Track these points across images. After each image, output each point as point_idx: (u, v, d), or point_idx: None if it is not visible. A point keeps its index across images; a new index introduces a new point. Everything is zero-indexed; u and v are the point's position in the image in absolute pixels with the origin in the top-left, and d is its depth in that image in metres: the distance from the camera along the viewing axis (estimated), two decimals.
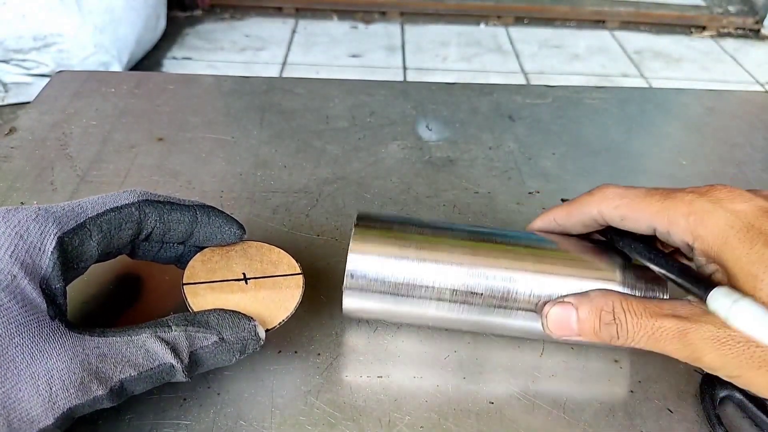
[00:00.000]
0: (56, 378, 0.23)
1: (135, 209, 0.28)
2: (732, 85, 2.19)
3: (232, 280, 0.30)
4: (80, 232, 0.26)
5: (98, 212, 0.27)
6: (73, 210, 0.26)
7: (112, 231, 0.27)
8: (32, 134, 0.48)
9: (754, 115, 0.57)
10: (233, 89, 0.56)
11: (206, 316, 0.27)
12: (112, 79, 0.56)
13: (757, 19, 2.59)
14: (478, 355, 0.33)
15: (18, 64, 1.73)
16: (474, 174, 0.47)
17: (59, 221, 0.26)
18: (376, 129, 0.51)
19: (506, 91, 0.58)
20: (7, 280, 0.23)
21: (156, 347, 0.25)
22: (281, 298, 0.29)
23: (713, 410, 0.30)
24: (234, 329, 0.27)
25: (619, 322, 0.26)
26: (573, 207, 0.30)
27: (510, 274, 0.29)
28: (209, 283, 0.29)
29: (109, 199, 0.28)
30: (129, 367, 0.25)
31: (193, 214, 0.29)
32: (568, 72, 2.20)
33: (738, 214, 0.25)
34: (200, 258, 0.30)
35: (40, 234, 0.25)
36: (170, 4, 2.27)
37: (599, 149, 0.50)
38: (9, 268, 0.24)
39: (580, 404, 0.30)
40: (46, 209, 0.26)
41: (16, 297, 0.23)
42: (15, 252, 0.24)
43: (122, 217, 0.27)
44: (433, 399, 0.30)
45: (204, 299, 0.29)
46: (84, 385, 0.24)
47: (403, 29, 2.43)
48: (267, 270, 0.30)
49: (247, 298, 0.29)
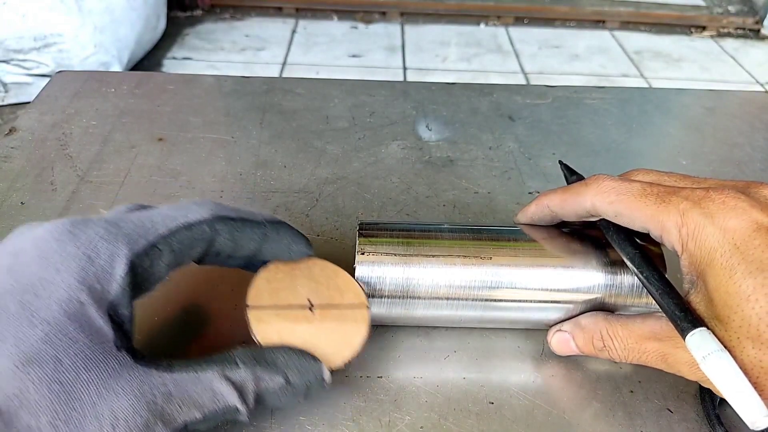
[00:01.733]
0: (121, 419, 0.22)
1: (207, 227, 0.26)
2: (732, 85, 2.19)
3: (297, 306, 0.28)
4: (151, 253, 0.24)
5: (170, 229, 0.25)
6: (143, 225, 0.25)
7: (183, 250, 0.25)
8: (32, 134, 0.48)
9: (754, 115, 0.57)
10: (233, 89, 0.56)
11: (274, 355, 0.26)
12: (112, 79, 0.56)
13: (757, 19, 2.59)
14: (478, 355, 0.33)
15: (18, 64, 1.73)
16: (474, 174, 0.47)
17: (129, 240, 0.24)
18: (376, 129, 0.51)
19: (506, 91, 0.58)
20: (75, 308, 0.22)
21: (223, 388, 0.24)
22: (347, 333, 0.28)
23: (713, 410, 0.30)
24: (301, 372, 0.26)
25: (609, 348, 0.29)
26: (567, 196, 0.30)
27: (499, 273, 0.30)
28: (275, 308, 0.28)
29: (180, 213, 0.26)
30: (194, 409, 0.23)
31: (263, 230, 0.28)
32: (568, 72, 2.20)
33: (727, 234, 0.24)
34: (265, 275, 0.29)
35: (110, 256, 0.23)
36: (170, 4, 2.27)
37: (599, 149, 0.51)
38: (76, 294, 0.22)
39: (580, 404, 0.30)
40: (116, 224, 0.24)
41: (83, 326, 0.22)
42: (83, 276, 0.22)
43: (194, 236, 0.25)
44: (433, 399, 0.30)
45: (269, 326, 0.27)
46: (148, 427, 0.22)
47: (403, 29, 2.43)
48: (333, 297, 0.29)
49: (312, 330, 0.27)
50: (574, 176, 0.34)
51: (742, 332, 0.24)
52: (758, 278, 0.23)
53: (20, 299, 0.21)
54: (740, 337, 0.24)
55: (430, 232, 0.32)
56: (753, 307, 0.23)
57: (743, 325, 0.23)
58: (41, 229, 0.24)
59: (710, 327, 0.25)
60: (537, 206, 0.32)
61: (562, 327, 0.31)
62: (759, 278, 0.23)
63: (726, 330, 0.24)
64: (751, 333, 0.23)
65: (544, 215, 0.32)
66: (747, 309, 0.23)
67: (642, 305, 0.31)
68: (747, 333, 0.23)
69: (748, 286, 0.23)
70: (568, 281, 0.30)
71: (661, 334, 0.27)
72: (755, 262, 0.24)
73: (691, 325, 0.25)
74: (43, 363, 0.21)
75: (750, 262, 0.24)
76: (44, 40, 1.69)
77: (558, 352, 0.32)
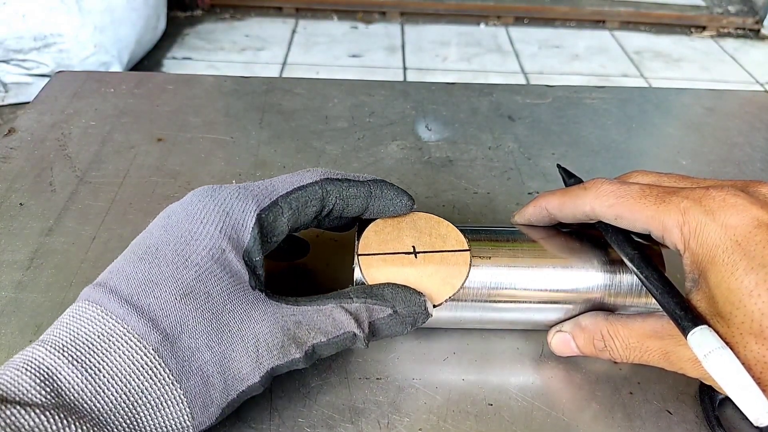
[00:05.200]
0: (261, 341, 0.26)
1: (318, 187, 0.29)
2: (732, 85, 2.19)
3: (402, 253, 0.30)
4: (274, 209, 0.28)
5: (287, 190, 0.29)
6: (267, 189, 0.28)
7: (299, 208, 0.29)
8: (32, 134, 0.48)
9: (754, 115, 0.57)
10: (233, 89, 0.56)
11: (381, 290, 0.29)
12: (112, 79, 0.56)
13: (757, 19, 2.59)
14: (476, 357, 0.33)
15: (18, 64, 1.73)
16: (473, 174, 0.46)
17: (257, 199, 0.28)
18: (376, 129, 0.51)
19: (506, 91, 0.58)
20: (219, 253, 0.26)
21: (341, 317, 0.27)
22: (448, 273, 0.30)
23: (712, 412, 0.30)
24: (406, 303, 0.29)
25: (610, 348, 0.29)
26: (566, 199, 0.30)
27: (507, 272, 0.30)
28: (382, 255, 0.30)
29: (296, 179, 0.29)
30: (319, 334, 0.27)
31: (368, 188, 0.30)
32: (568, 72, 2.20)
33: (728, 230, 0.25)
34: (373, 228, 0.31)
35: (242, 211, 0.27)
36: (170, 4, 2.26)
37: (599, 149, 0.50)
38: (219, 242, 0.26)
39: (579, 406, 0.30)
40: (245, 188, 0.28)
41: (225, 268, 0.26)
42: (223, 228, 0.27)
43: (308, 195, 0.29)
44: (432, 401, 0.30)
45: (377, 271, 0.30)
46: (284, 347, 0.26)
47: (403, 29, 2.43)
48: (436, 244, 0.31)
49: (417, 272, 0.30)
50: (572, 179, 0.34)
51: (744, 328, 0.24)
52: (760, 274, 0.23)
53: (174, 249, 0.26)
54: (743, 333, 0.24)
55: None
56: (755, 302, 0.23)
57: (745, 321, 0.24)
58: (189, 196, 0.28)
59: (712, 324, 0.25)
60: (535, 208, 0.32)
61: (562, 327, 0.31)
62: (761, 274, 0.23)
63: (728, 327, 0.24)
64: (754, 329, 0.23)
65: (541, 217, 0.32)
66: (749, 305, 0.23)
67: (642, 305, 0.30)
68: (749, 329, 0.23)
69: (750, 282, 0.24)
70: (567, 281, 0.30)
71: (663, 332, 0.27)
72: (757, 258, 0.24)
73: (692, 323, 0.25)
74: (197, 296, 0.25)
75: (752, 258, 0.24)
76: (44, 40, 1.69)
77: (558, 353, 0.32)
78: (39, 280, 0.35)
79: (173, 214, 0.28)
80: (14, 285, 0.35)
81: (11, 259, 0.37)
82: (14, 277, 0.35)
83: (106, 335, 0.24)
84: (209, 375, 0.25)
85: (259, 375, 0.26)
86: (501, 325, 0.33)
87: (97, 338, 0.24)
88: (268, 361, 0.26)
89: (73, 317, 0.25)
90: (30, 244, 0.38)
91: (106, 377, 0.23)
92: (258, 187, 0.29)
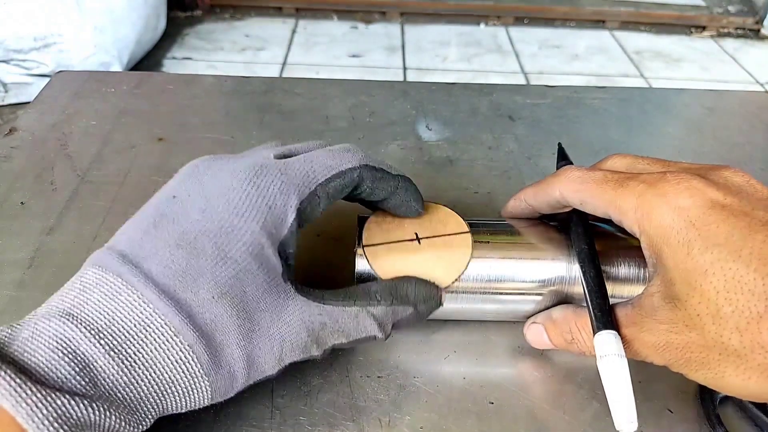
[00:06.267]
0: (287, 341, 0.26)
1: (356, 174, 0.29)
2: (732, 85, 2.19)
3: (406, 240, 0.31)
4: (313, 200, 0.28)
5: (327, 178, 0.28)
6: (307, 175, 0.28)
7: (336, 195, 0.29)
8: (32, 134, 0.48)
9: (754, 115, 0.57)
10: (233, 89, 0.56)
11: (405, 289, 0.29)
12: (112, 79, 0.56)
13: (757, 19, 2.59)
14: (477, 355, 0.33)
15: (18, 64, 1.73)
16: (474, 174, 0.47)
17: (298, 189, 0.27)
18: (376, 129, 0.51)
19: (506, 91, 0.58)
20: (257, 250, 0.26)
21: (366, 321, 0.28)
22: (453, 257, 0.31)
23: (713, 410, 0.30)
24: (426, 301, 0.29)
25: (577, 341, 0.29)
26: (539, 188, 0.31)
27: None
28: (387, 244, 0.31)
29: (335, 161, 0.28)
30: (342, 336, 0.28)
31: (397, 184, 0.30)
32: (568, 72, 2.20)
33: (681, 212, 0.25)
34: (374, 220, 0.32)
35: (284, 205, 0.27)
36: (170, 4, 2.26)
37: (599, 149, 0.50)
38: (259, 238, 0.26)
39: (580, 404, 0.30)
40: (286, 173, 0.27)
41: (263, 265, 0.26)
42: (264, 223, 0.26)
43: (345, 182, 0.29)
44: (433, 399, 0.30)
45: (384, 260, 0.30)
46: (306, 347, 0.27)
47: (403, 29, 2.43)
48: (437, 229, 0.32)
49: (422, 258, 0.30)
50: (563, 161, 0.35)
51: (701, 309, 0.24)
52: (714, 252, 0.23)
53: (215, 241, 0.25)
54: (700, 314, 0.24)
55: None
56: (710, 281, 0.23)
57: (702, 301, 0.24)
58: (225, 174, 0.27)
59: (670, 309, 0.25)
60: (515, 200, 0.33)
61: (536, 319, 0.31)
62: (715, 252, 0.23)
63: (686, 309, 0.24)
64: (710, 309, 0.23)
65: (522, 210, 0.33)
66: (705, 284, 0.23)
67: (616, 295, 0.30)
68: (706, 309, 0.23)
69: (705, 261, 0.23)
70: (537, 272, 0.31)
71: (627, 320, 0.27)
72: (711, 237, 0.24)
73: (604, 326, 0.26)
74: (234, 296, 0.25)
75: (706, 238, 0.24)
76: (44, 40, 1.69)
77: (534, 345, 0.32)
78: (40, 280, 0.35)
79: (213, 198, 0.26)
80: (15, 284, 0.35)
81: (12, 258, 0.37)
82: (15, 277, 0.35)
83: (143, 325, 0.24)
84: (235, 370, 0.25)
85: (277, 369, 0.27)
86: (479, 316, 0.33)
87: (133, 327, 0.23)
88: (288, 358, 0.27)
89: (104, 295, 0.24)
90: (31, 243, 0.38)
91: (141, 369, 0.23)
92: (299, 173, 0.28)
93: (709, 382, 0.25)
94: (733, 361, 0.23)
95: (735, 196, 0.25)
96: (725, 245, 0.23)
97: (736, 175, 0.27)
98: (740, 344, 0.23)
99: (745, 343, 0.23)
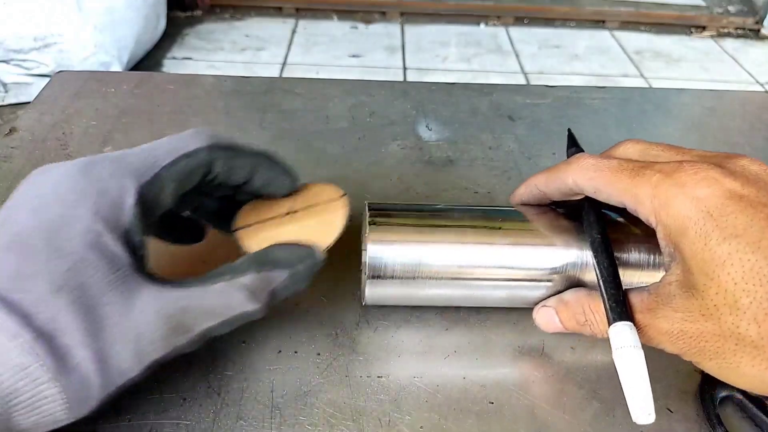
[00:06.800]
0: (143, 334, 0.24)
1: (204, 154, 0.27)
2: (732, 85, 2.19)
3: (279, 216, 0.30)
4: (156, 183, 0.26)
5: (172, 159, 0.27)
6: (147, 158, 0.26)
7: (184, 178, 0.27)
8: (32, 134, 0.48)
9: (754, 115, 0.57)
10: (233, 89, 0.56)
11: (273, 254, 0.28)
12: (112, 79, 0.56)
13: (757, 19, 2.59)
14: (478, 355, 0.33)
15: (18, 64, 1.73)
16: (474, 174, 0.47)
17: (137, 173, 0.26)
18: (376, 129, 0.51)
19: (506, 91, 0.58)
20: (93, 238, 0.24)
21: (234, 295, 0.26)
22: (329, 220, 0.30)
23: (713, 410, 0.30)
24: (301, 259, 0.28)
25: (590, 323, 0.29)
26: (551, 174, 0.31)
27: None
28: (258, 223, 0.30)
29: (180, 143, 0.27)
30: (209, 318, 0.26)
31: (256, 160, 0.29)
32: (568, 72, 2.20)
33: (699, 202, 0.25)
34: (247, 207, 0.31)
35: (119, 189, 0.25)
36: (170, 4, 2.26)
37: (599, 149, 0.50)
38: (93, 226, 0.24)
39: (580, 404, 0.30)
40: (122, 159, 0.26)
41: (102, 254, 0.24)
42: (97, 209, 0.24)
43: (193, 163, 0.27)
44: (433, 399, 0.30)
45: (257, 238, 0.29)
46: (167, 338, 0.25)
47: (403, 29, 2.43)
48: (310, 200, 0.31)
49: (297, 228, 0.30)
50: (573, 147, 0.35)
51: (719, 299, 0.24)
52: (732, 243, 0.23)
53: (46, 236, 0.24)
54: (717, 304, 0.24)
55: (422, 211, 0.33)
56: (728, 272, 0.23)
57: (720, 291, 0.23)
58: (56, 172, 0.26)
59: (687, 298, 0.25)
60: (526, 186, 0.33)
61: (546, 303, 0.31)
62: (733, 243, 0.23)
63: (703, 299, 0.24)
64: (728, 300, 0.23)
65: (533, 195, 0.33)
66: (723, 275, 0.23)
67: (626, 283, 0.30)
68: (724, 300, 0.23)
69: (723, 252, 0.23)
70: (549, 259, 0.31)
71: (642, 306, 0.27)
72: (729, 228, 0.24)
73: (619, 317, 0.26)
74: (71, 290, 0.23)
75: (724, 228, 0.24)
76: (44, 40, 1.69)
77: (544, 329, 0.32)
78: None
79: (42, 195, 0.25)
80: None
81: None
82: None
83: None
84: (87, 372, 0.23)
85: (139, 368, 0.24)
86: (488, 303, 0.33)
87: None
88: (150, 354, 0.25)
89: None
90: None
91: None
92: (138, 157, 0.26)
93: (722, 372, 0.25)
94: (750, 352, 0.23)
95: (753, 186, 0.25)
96: (743, 236, 0.23)
97: (753, 164, 0.26)
98: (758, 335, 0.23)
99: (762, 334, 0.23)
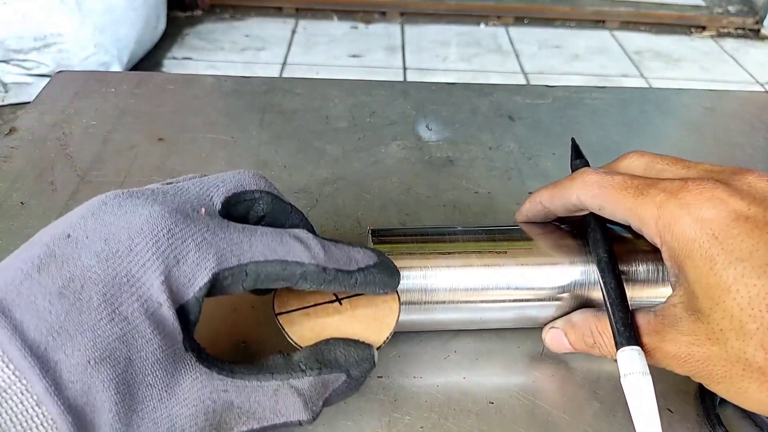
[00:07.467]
0: (177, 427, 0.22)
1: (301, 269, 0.24)
2: (732, 85, 2.19)
3: (325, 303, 0.28)
4: (237, 274, 0.23)
5: (266, 260, 0.24)
6: (241, 247, 0.23)
7: (267, 281, 0.24)
8: (32, 134, 0.48)
9: (754, 116, 0.57)
10: (233, 89, 0.56)
11: (334, 353, 0.25)
12: (112, 79, 0.56)
13: (757, 19, 2.59)
14: (478, 355, 0.33)
15: (18, 64, 1.73)
16: (474, 174, 0.47)
17: (220, 256, 0.23)
18: (376, 129, 0.51)
19: (506, 92, 0.58)
20: (153, 308, 0.22)
21: (288, 400, 0.23)
22: (380, 314, 0.28)
23: (713, 410, 0.30)
24: (359, 363, 0.26)
25: (599, 344, 0.29)
26: (555, 191, 0.30)
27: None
28: (303, 309, 0.27)
29: (282, 249, 0.24)
30: (252, 420, 0.23)
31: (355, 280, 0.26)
32: (568, 72, 2.20)
33: (704, 224, 0.24)
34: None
35: (197, 265, 0.22)
36: (170, 4, 2.26)
37: (599, 149, 0.50)
38: (158, 295, 0.22)
39: (580, 404, 0.30)
40: (216, 234, 0.23)
41: (158, 327, 0.22)
42: (167, 277, 0.22)
43: (284, 274, 0.24)
44: (433, 399, 0.30)
45: (302, 327, 0.27)
46: None
47: (403, 29, 2.43)
48: None
49: (346, 319, 0.27)
50: (579, 160, 0.35)
51: (724, 324, 0.23)
52: (738, 268, 0.23)
53: (104, 291, 0.21)
54: (723, 329, 0.23)
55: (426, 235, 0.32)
56: (734, 297, 0.23)
57: (725, 317, 0.23)
58: (140, 219, 0.23)
59: (692, 321, 0.25)
60: (530, 203, 0.33)
61: (555, 324, 0.31)
62: (739, 268, 0.23)
63: (708, 323, 0.24)
64: (734, 325, 0.23)
65: (538, 212, 0.32)
66: (728, 300, 0.23)
67: (634, 298, 0.30)
68: (729, 325, 0.23)
69: (728, 277, 0.23)
70: (555, 279, 0.30)
71: (649, 328, 0.26)
72: (735, 252, 0.23)
73: (627, 341, 0.26)
74: (116, 363, 0.21)
75: (729, 252, 0.23)
76: (44, 40, 1.69)
77: (553, 350, 0.32)
78: None
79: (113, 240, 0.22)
80: None
81: None
82: None
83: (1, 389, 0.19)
84: None
85: None
86: (495, 325, 0.33)
87: None
88: None
89: None
90: None
91: None
92: (230, 242, 0.23)
93: (731, 396, 0.24)
94: (757, 378, 0.23)
95: (760, 206, 0.24)
96: (749, 260, 0.23)
97: (760, 181, 0.25)
98: (765, 361, 0.22)
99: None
